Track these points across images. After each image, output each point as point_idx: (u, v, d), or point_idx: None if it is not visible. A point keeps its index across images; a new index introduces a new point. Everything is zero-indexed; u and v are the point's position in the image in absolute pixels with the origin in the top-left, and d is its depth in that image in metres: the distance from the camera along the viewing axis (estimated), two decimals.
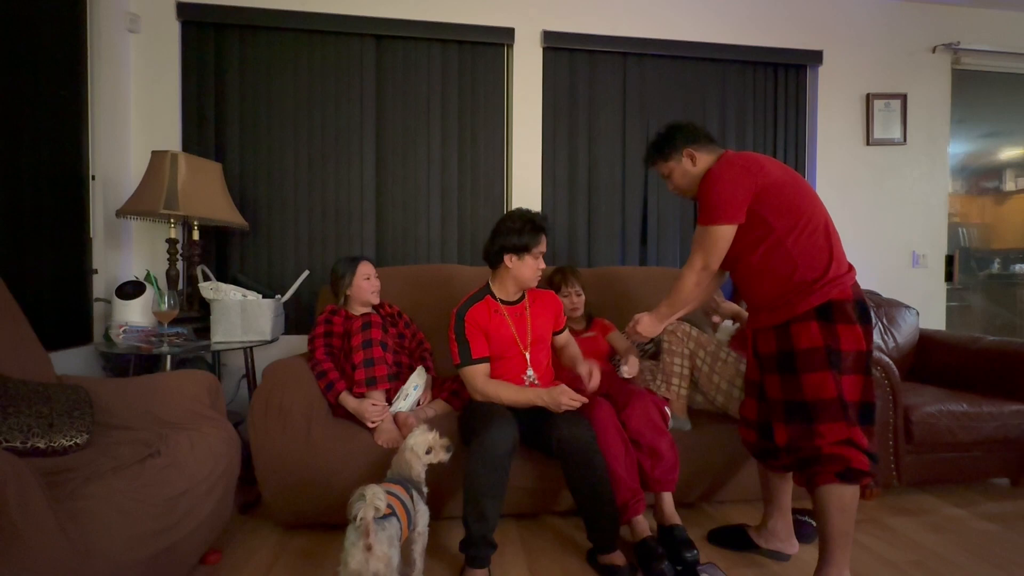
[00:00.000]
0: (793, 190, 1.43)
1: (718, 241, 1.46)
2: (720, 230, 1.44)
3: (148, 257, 2.51)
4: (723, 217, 1.43)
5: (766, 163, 1.46)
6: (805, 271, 1.39)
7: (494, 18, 2.75)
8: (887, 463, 2.07)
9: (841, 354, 1.34)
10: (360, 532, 1.15)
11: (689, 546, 1.58)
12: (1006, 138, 3.41)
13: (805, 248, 1.40)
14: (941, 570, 1.59)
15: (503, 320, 1.76)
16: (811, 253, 1.40)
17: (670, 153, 1.59)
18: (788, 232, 1.40)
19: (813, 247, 1.40)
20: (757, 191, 1.41)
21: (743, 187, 1.41)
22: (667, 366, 1.97)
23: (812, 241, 1.40)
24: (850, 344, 1.35)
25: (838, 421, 1.33)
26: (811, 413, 1.35)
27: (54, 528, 0.95)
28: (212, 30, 2.57)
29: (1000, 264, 3.40)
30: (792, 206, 1.41)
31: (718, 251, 1.47)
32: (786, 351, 1.40)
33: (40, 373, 1.51)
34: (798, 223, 1.40)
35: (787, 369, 1.40)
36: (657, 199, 2.95)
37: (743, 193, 1.41)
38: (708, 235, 1.46)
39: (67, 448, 1.26)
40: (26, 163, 1.86)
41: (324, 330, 1.96)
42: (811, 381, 1.35)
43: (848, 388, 1.35)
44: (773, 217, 1.40)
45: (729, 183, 1.42)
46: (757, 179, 1.42)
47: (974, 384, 2.34)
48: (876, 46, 3.11)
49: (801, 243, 1.40)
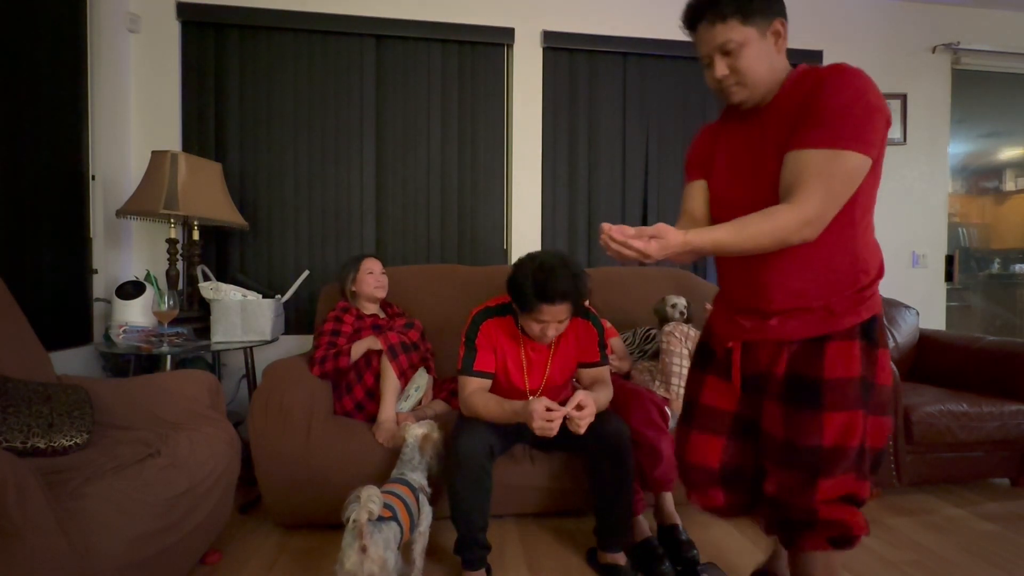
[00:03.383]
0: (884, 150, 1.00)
1: (852, 178, 0.94)
2: (858, 161, 0.93)
3: (148, 257, 2.51)
4: (866, 143, 0.93)
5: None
6: (863, 269, 1.02)
7: (494, 18, 2.75)
8: (887, 463, 2.07)
9: (875, 388, 1.03)
10: (355, 533, 1.16)
11: (689, 546, 1.58)
12: (1006, 138, 3.41)
13: (870, 238, 1.05)
14: (941, 570, 1.59)
15: (515, 350, 1.62)
16: (873, 246, 1.05)
17: (757, 13, 0.99)
18: (867, 211, 1.02)
19: (873, 238, 1.06)
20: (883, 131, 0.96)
21: (885, 116, 0.95)
22: (667, 366, 1.97)
23: (872, 230, 1.06)
24: (885, 376, 1.05)
25: (848, 473, 1.03)
26: (821, 463, 1.01)
27: (54, 528, 0.95)
28: (212, 30, 2.57)
29: (1000, 264, 3.40)
30: (878, 170, 1.00)
31: (845, 195, 0.95)
32: (808, 377, 1.03)
33: (40, 373, 1.51)
34: (873, 203, 1.04)
35: (804, 402, 1.03)
36: (657, 199, 2.95)
37: (884, 123, 0.96)
38: (840, 165, 0.92)
39: (67, 448, 1.26)
40: (26, 163, 1.86)
41: (332, 328, 1.95)
42: (836, 422, 1.00)
43: (873, 432, 1.05)
44: (866, 182, 0.97)
45: (876, 101, 0.94)
46: (887, 117, 0.96)
47: (974, 384, 2.34)
48: (876, 46, 3.11)
49: (870, 231, 1.05)
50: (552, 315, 1.47)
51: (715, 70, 1.03)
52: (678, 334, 1.98)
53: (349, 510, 1.17)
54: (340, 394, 1.92)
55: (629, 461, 1.54)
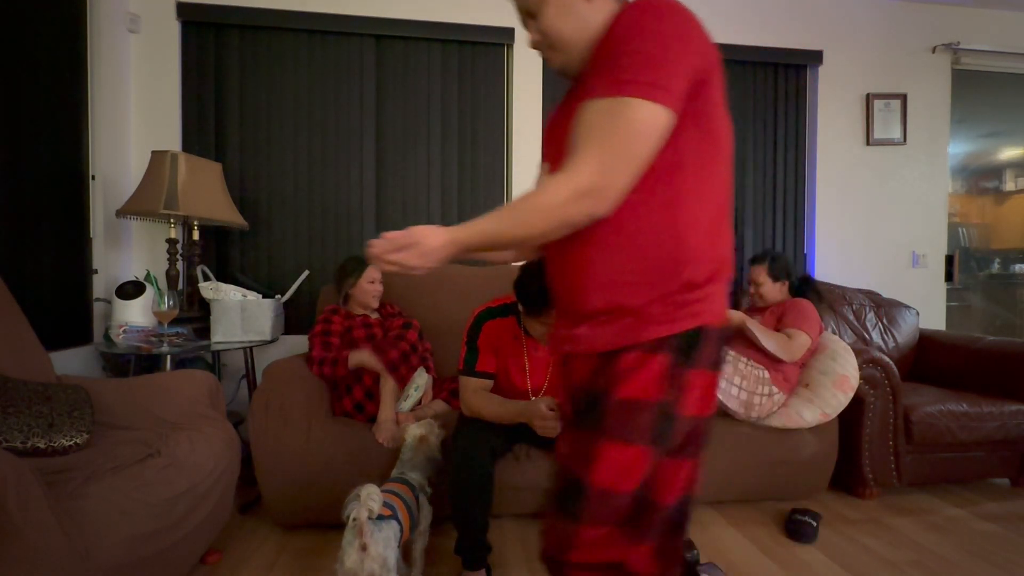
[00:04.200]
0: (724, 110, 0.79)
1: (642, 132, 0.70)
2: (647, 111, 0.69)
3: (148, 257, 2.51)
4: (658, 86, 0.69)
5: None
6: (689, 260, 0.76)
7: (494, 18, 2.75)
8: (887, 463, 2.07)
9: (677, 422, 0.77)
10: (356, 532, 1.16)
11: (689, 546, 1.58)
12: (1006, 138, 3.41)
13: (704, 221, 0.76)
14: (941, 570, 1.59)
15: (518, 351, 1.61)
16: (710, 232, 0.77)
17: None
18: (698, 182, 0.76)
19: (715, 220, 0.77)
20: (697, 75, 0.73)
21: (691, 54, 0.72)
22: None
23: (715, 209, 0.77)
24: (695, 405, 0.78)
25: (616, 529, 0.78)
26: (581, 505, 0.77)
27: (54, 528, 0.95)
28: (212, 30, 2.57)
29: (1000, 264, 3.40)
30: (717, 133, 0.77)
31: (636, 154, 0.71)
32: (596, 392, 0.79)
33: (40, 373, 1.51)
34: (714, 167, 0.77)
35: (586, 422, 0.80)
36: None
37: (688, 63, 0.72)
38: (620, 116, 0.70)
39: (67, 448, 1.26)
40: (26, 163, 1.86)
41: (322, 328, 1.97)
42: (611, 456, 0.76)
43: (667, 480, 0.79)
44: (690, 136, 0.74)
45: (676, 29, 0.72)
46: (704, 54, 0.74)
47: (974, 384, 2.34)
48: (876, 46, 3.11)
49: (705, 210, 0.76)
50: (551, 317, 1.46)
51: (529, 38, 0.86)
52: None
53: (349, 509, 1.17)
54: (339, 395, 1.93)
55: None
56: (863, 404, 2.04)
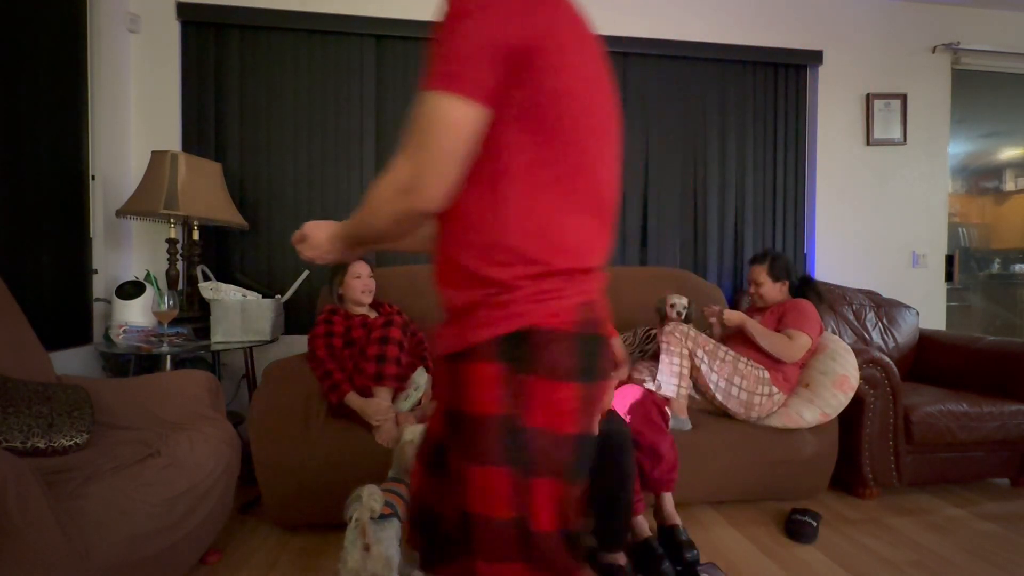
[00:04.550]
0: (578, 96, 0.70)
1: (446, 126, 0.65)
2: (447, 104, 0.65)
3: (148, 257, 2.51)
4: (453, 76, 0.65)
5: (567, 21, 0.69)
6: (506, 261, 0.70)
7: None
8: (887, 463, 2.07)
9: (525, 434, 0.69)
10: (358, 532, 1.16)
11: (689, 546, 1.58)
12: (1006, 138, 3.41)
13: (528, 216, 0.70)
14: (941, 570, 1.59)
15: None
16: (534, 229, 0.70)
17: None
18: (516, 177, 0.70)
19: (544, 218, 0.71)
20: (511, 56, 0.65)
21: (493, 31, 0.65)
22: (666, 366, 1.97)
23: (555, 206, 0.71)
24: (544, 416, 0.70)
25: (516, 564, 0.70)
26: (471, 538, 0.71)
27: (54, 528, 0.95)
28: (212, 30, 2.57)
29: (1000, 264, 3.40)
30: (559, 125, 0.69)
31: (447, 149, 0.66)
32: (451, 406, 0.74)
33: (40, 373, 1.51)
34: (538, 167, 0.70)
35: (451, 444, 0.75)
36: (657, 199, 2.95)
37: (487, 44, 0.64)
38: (424, 111, 0.66)
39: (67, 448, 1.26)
40: (26, 163, 1.86)
41: (324, 330, 1.95)
42: (476, 480, 0.71)
43: (540, 502, 0.70)
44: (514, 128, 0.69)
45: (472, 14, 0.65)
46: (518, 29, 0.65)
47: (974, 384, 2.34)
48: (876, 46, 3.11)
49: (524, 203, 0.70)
50: None
51: None
52: (678, 334, 1.98)
53: (351, 509, 1.17)
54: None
55: (630, 461, 1.54)
56: (863, 404, 2.04)
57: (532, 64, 0.66)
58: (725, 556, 1.66)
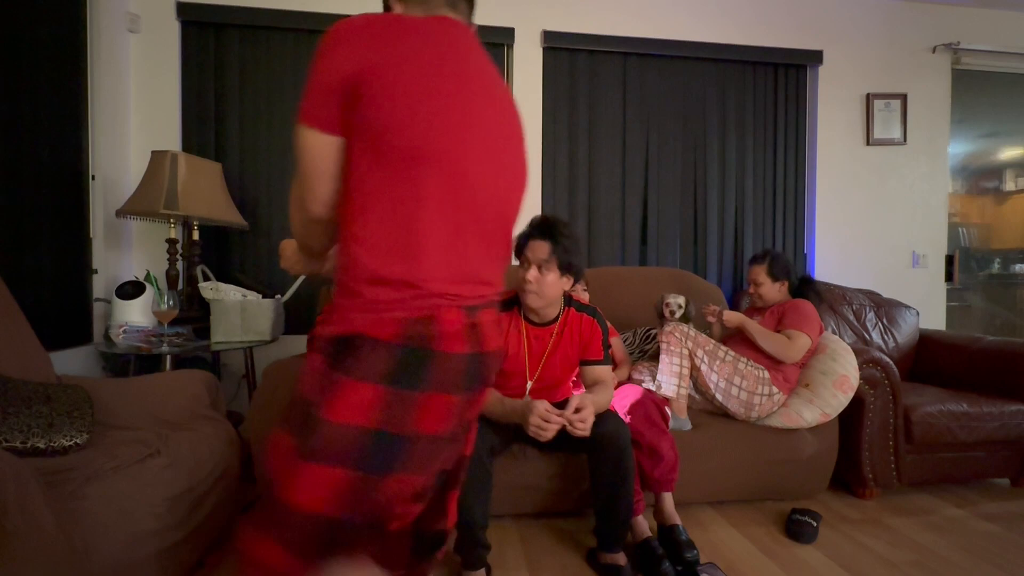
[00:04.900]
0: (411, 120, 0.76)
1: (305, 153, 0.78)
2: (302, 134, 0.78)
3: (148, 257, 2.51)
4: (306, 113, 0.77)
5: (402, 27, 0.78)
6: (351, 273, 0.79)
7: (494, 18, 2.75)
8: (887, 463, 2.07)
9: (317, 424, 0.74)
10: None
11: (689, 546, 1.58)
12: (1006, 138, 3.41)
13: (365, 235, 0.78)
14: (941, 570, 1.59)
15: (518, 340, 1.63)
16: (371, 246, 0.77)
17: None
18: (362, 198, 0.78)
19: (379, 238, 0.77)
20: (346, 90, 0.75)
21: (330, 68, 0.75)
22: (666, 366, 1.97)
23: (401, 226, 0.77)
24: (343, 414, 0.74)
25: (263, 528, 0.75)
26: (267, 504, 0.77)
27: (54, 528, 0.95)
28: (212, 30, 2.57)
29: (1000, 264, 3.40)
30: (396, 150, 0.76)
31: (309, 174, 0.79)
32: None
33: (40, 373, 1.51)
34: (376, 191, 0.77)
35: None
36: (657, 199, 2.95)
37: (328, 78, 0.75)
38: (295, 140, 0.80)
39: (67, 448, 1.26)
40: (26, 163, 1.86)
41: None
42: (271, 440, 0.79)
43: (303, 484, 0.73)
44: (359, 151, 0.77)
45: (322, 55, 0.77)
46: (348, 64, 0.74)
47: (974, 384, 2.34)
48: (876, 46, 3.11)
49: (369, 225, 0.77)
50: (532, 251, 1.50)
51: None
52: (678, 334, 1.98)
53: None
54: None
55: (629, 461, 1.54)
56: (863, 404, 2.04)
57: (362, 96, 0.74)
58: (725, 556, 1.66)
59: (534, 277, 1.51)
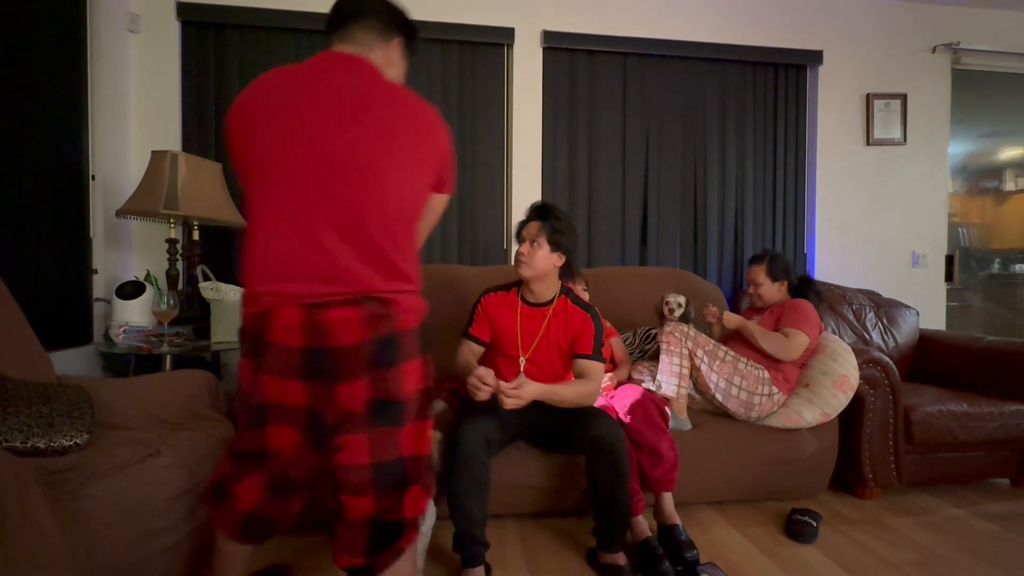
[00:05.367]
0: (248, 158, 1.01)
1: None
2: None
3: (148, 257, 2.51)
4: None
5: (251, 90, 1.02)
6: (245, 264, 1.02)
7: (494, 18, 2.75)
8: (887, 463, 2.07)
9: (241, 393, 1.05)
10: None
11: (689, 546, 1.58)
12: (1006, 138, 3.41)
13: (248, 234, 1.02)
14: (941, 570, 1.59)
15: (512, 316, 1.73)
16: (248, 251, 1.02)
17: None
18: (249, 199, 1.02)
19: (250, 245, 1.01)
20: (227, 137, 1.04)
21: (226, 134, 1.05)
22: (666, 366, 1.97)
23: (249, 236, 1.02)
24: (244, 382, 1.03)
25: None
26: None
27: (54, 528, 0.95)
28: (212, 30, 2.57)
29: (1000, 264, 3.40)
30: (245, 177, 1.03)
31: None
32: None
33: (40, 373, 1.51)
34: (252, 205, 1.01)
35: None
36: (657, 199, 2.95)
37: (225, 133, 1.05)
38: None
39: (67, 448, 1.26)
40: (26, 163, 1.86)
41: None
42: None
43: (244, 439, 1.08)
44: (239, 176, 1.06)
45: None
46: (226, 123, 1.04)
47: (974, 384, 2.34)
48: (876, 46, 3.11)
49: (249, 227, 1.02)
50: (527, 230, 1.67)
51: None
52: (678, 334, 1.98)
53: None
54: None
55: (624, 461, 1.55)
56: (863, 404, 2.04)
57: (231, 143, 1.03)
58: (725, 556, 1.66)
59: (526, 250, 1.66)
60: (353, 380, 0.95)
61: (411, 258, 1.04)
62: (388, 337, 0.96)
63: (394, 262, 0.99)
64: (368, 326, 0.95)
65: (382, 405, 0.97)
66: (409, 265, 1.02)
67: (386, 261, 0.98)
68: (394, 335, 0.97)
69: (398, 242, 1.00)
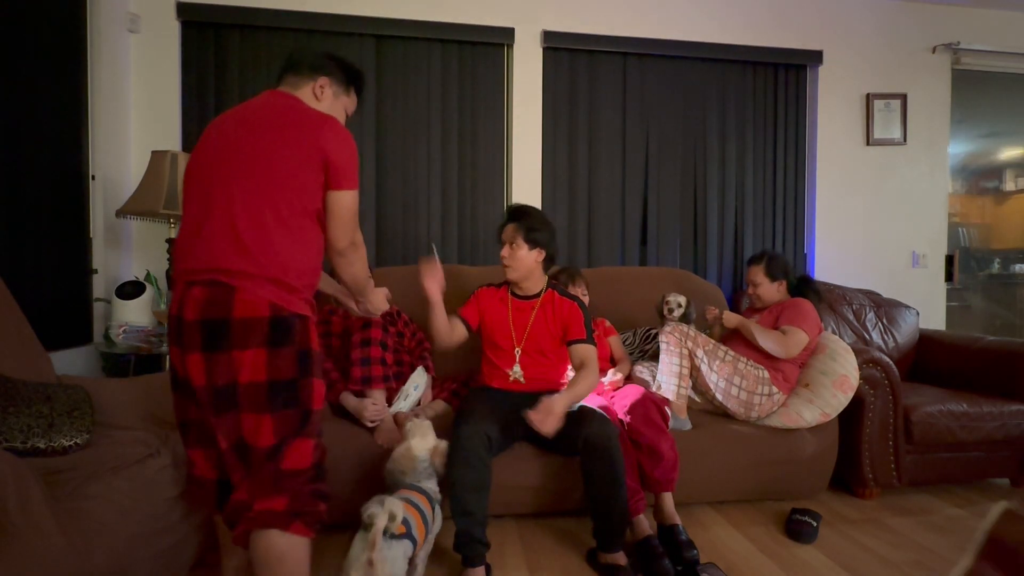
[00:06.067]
0: (197, 157, 1.19)
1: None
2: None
3: (148, 257, 2.51)
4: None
5: (212, 127, 1.20)
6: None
7: (494, 18, 2.75)
8: (887, 463, 2.07)
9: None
10: (366, 544, 1.15)
11: (689, 546, 1.58)
12: (1006, 138, 3.41)
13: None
14: (941, 570, 1.59)
15: (503, 310, 1.81)
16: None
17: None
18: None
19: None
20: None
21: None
22: (666, 366, 1.97)
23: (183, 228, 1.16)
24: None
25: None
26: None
27: (54, 527, 0.95)
28: (212, 30, 2.57)
29: (1000, 264, 3.40)
30: (189, 179, 1.19)
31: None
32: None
33: (40, 373, 1.51)
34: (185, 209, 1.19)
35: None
36: (657, 199, 2.95)
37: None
38: None
39: (67, 448, 1.26)
40: (26, 163, 1.86)
41: (322, 331, 1.95)
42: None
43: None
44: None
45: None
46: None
47: (974, 384, 2.34)
48: (876, 46, 3.11)
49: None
50: (504, 233, 1.75)
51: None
52: (678, 334, 1.98)
53: (372, 509, 1.17)
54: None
55: (618, 461, 1.55)
56: (863, 404, 2.04)
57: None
58: (725, 556, 1.66)
59: (507, 252, 1.74)
60: (192, 353, 1.06)
61: (282, 251, 1.08)
62: (219, 321, 1.03)
63: (252, 253, 1.05)
64: (202, 307, 1.04)
65: (216, 388, 1.04)
66: (272, 257, 1.06)
67: (244, 251, 1.05)
68: (225, 321, 1.03)
69: (266, 233, 1.07)
